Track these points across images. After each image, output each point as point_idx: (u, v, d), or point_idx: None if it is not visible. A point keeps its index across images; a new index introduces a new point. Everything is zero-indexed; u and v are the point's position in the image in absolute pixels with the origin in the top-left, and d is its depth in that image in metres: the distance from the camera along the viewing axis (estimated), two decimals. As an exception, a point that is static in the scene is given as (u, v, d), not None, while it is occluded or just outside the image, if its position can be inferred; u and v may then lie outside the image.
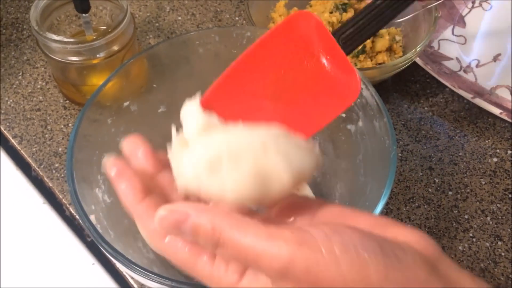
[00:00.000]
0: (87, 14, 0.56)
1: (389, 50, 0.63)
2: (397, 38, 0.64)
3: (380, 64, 0.62)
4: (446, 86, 0.62)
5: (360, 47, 0.61)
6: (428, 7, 0.59)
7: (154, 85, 0.49)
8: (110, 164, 0.31)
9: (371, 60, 0.62)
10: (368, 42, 0.62)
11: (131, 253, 0.41)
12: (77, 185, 0.38)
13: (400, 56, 0.63)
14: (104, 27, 0.63)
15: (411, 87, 0.65)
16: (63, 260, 0.51)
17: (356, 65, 0.61)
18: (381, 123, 0.42)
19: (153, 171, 0.33)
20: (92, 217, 0.37)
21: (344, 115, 0.48)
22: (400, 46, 0.63)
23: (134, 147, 0.33)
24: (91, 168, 0.43)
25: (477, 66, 0.66)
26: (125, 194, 0.30)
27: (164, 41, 0.47)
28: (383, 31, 0.63)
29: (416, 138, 0.60)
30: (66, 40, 0.52)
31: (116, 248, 0.34)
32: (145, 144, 0.33)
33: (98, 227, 0.37)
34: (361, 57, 0.62)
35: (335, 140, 0.51)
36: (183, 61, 0.50)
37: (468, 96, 0.60)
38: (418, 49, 0.56)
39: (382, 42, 0.62)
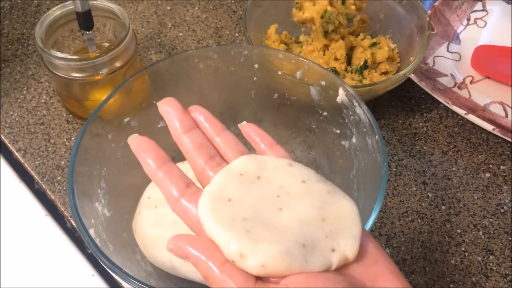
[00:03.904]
0: (90, 32, 0.58)
1: (388, 58, 0.65)
2: (392, 46, 0.66)
3: (383, 73, 0.63)
4: (440, 102, 0.64)
5: (362, 63, 0.63)
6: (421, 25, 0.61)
7: (154, 101, 0.50)
8: (131, 140, 0.34)
9: (376, 72, 0.63)
10: (368, 56, 0.63)
11: (129, 266, 0.42)
12: (78, 199, 0.39)
13: (398, 62, 0.65)
14: (107, 44, 0.65)
15: (406, 103, 0.66)
16: (63, 271, 0.52)
17: (364, 78, 0.62)
18: (373, 139, 0.43)
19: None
20: (92, 231, 0.38)
21: (338, 131, 0.50)
22: (397, 52, 0.65)
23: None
24: (91, 182, 0.44)
25: (471, 82, 0.68)
26: (147, 164, 0.33)
27: (165, 58, 0.49)
28: (382, 41, 0.65)
29: (410, 153, 0.61)
30: (69, 57, 0.54)
31: (114, 261, 0.35)
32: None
33: (97, 241, 0.38)
34: (365, 72, 0.63)
35: (330, 155, 0.53)
36: (183, 78, 0.52)
37: (461, 112, 0.62)
38: (410, 68, 0.57)
39: (382, 53, 0.63)
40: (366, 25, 0.68)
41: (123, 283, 0.50)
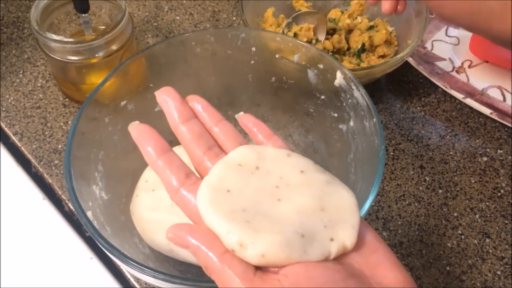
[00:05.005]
0: (86, 14, 0.58)
1: (385, 41, 0.64)
2: (390, 29, 0.65)
3: (381, 56, 0.63)
4: (438, 86, 0.64)
5: (359, 46, 0.63)
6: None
7: (151, 85, 0.50)
8: (132, 127, 0.33)
9: (373, 55, 0.63)
10: (366, 40, 0.63)
11: (127, 248, 0.42)
12: (75, 182, 0.39)
13: (396, 45, 0.65)
14: (103, 27, 0.64)
15: (404, 87, 0.66)
16: (62, 254, 0.52)
17: (362, 61, 0.62)
18: (370, 123, 0.43)
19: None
20: (89, 213, 0.38)
21: (336, 114, 0.49)
22: (394, 36, 0.65)
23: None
24: (88, 165, 0.44)
25: (469, 66, 0.67)
26: (147, 153, 0.32)
27: (161, 41, 0.49)
28: (380, 24, 0.65)
29: (408, 137, 0.61)
30: (65, 40, 0.54)
31: (112, 243, 0.35)
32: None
33: (95, 223, 0.38)
34: (363, 56, 0.63)
35: (327, 139, 0.52)
36: (180, 61, 0.51)
37: (459, 96, 0.62)
38: (407, 51, 0.57)
39: (380, 36, 0.63)
40: (363, 8, 0.68)
41: (122, 265, 0.50)
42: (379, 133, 0.42)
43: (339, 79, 0.47)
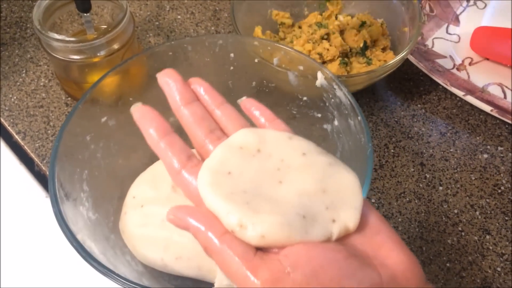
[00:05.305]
0: (88, 14, 0.58)
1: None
2: (379, 20, 0.66)
3: (382, 49, 0.64)
4: (439, 84, 0.64)
5: (361, 45, 0.63)
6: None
7: (131, 99, 0.49)
8: (135, 109, 0.33)
9: (376, 50, 0.63)
10: (367, 37, 0.63)
11: (120, 268, 0.41)
12: (61, 205, 0.38)
13: (388, 35, 0.65)
14: (105, 26, 0.65)
15: (405, 85, 0.66)
16: (65, 253, 0.53)
17: (370, 59, 0.62)
18: (355, 121, 0.43)
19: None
20: (79, 236, 0.37)
21: (320, 115, 0.49)
22: (385, 26, 0.66)
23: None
24: (73, 186, 0.43)
25: (470, 64, 0.67)
26: (149, 135, 0.32)
27: (140, 53, 0.47)
28: (365, 18, 0.65)
29: (408, 134, 0.61)
30: (67, 39, 0.54)
31: (104, 264, 0.35)
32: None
33: (85, 245, 0.37)
34: (368, 53, 0.63)
35: (312, 139, 0.51)
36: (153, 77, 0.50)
37: (460, 93, 0.62)
38: (403, 54, 0.57)
39: (376, 30, 0.64)
40: (340, 6, 0.68)
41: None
42: (364, 130, 0.41)
43: (320, 80, 0.46)
